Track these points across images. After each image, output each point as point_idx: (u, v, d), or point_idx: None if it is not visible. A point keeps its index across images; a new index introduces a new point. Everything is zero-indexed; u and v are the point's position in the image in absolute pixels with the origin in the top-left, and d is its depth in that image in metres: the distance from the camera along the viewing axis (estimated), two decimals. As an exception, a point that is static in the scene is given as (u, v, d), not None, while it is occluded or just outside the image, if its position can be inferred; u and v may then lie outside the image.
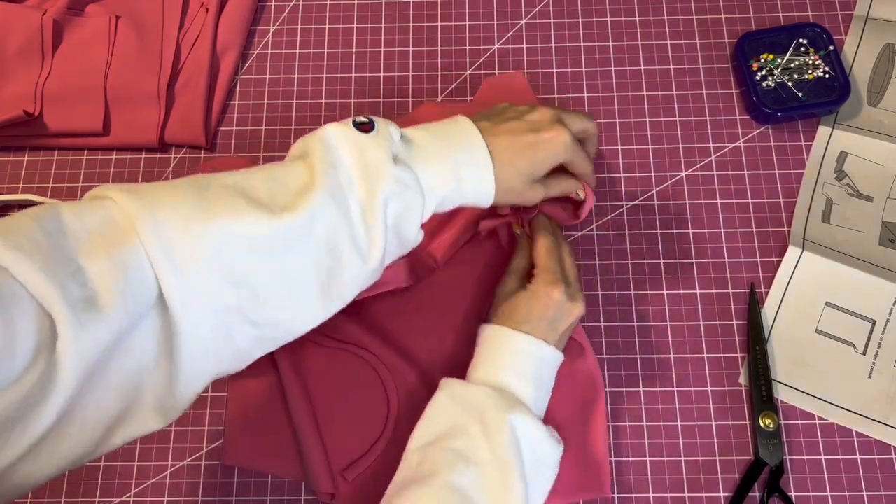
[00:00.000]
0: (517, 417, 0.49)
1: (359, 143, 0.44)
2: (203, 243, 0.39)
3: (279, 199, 0.42)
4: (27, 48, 0.70)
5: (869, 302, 0.62)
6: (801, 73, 0.68)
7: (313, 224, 0.42)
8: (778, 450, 0.58)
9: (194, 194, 0.40)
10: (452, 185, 0.48)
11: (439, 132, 0.49)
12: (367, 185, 0.43)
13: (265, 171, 0.44)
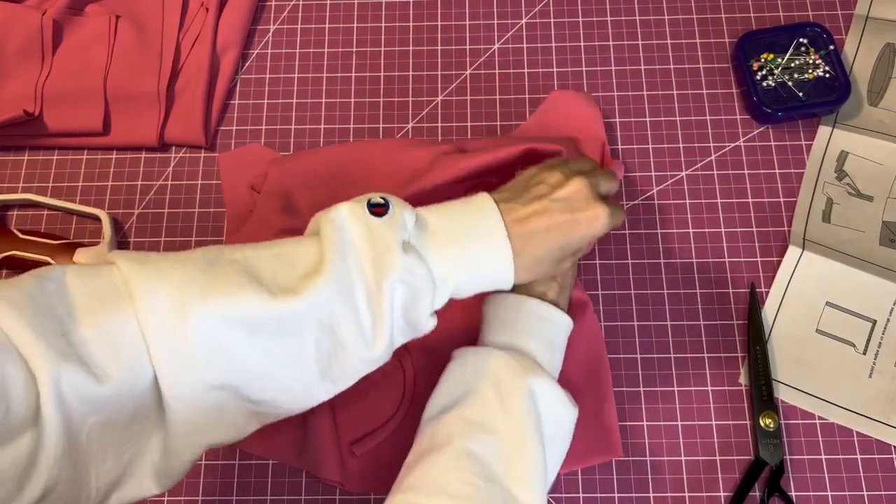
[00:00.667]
0: (534, 380, 0.47)
1: (370, 228, 0.42)
2: (199, 321, 0.39)
3: (283, 280, 0.41)
4: (27, 48, 0.70)
5: (869, 302, 0.62)
6: (801, 72, 0.68)
7: (316, 309, 0.41)
8: (778, 449, 0.58)
9: (199, 270, 0.40)
10: (467, 275, 0.45)
11: (457, 216, 0.46)
12: (375, 273, 0.42)
13: (276, 248, 0.43)
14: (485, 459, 0.44)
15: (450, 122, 0.70)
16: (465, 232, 0.45)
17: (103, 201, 0.69)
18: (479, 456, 0.44)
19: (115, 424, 0.38)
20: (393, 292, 0.42)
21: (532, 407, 0.47)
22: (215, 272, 0.40)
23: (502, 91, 0.71)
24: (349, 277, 0.42)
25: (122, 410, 0.38)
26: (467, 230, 0.45)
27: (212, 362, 0.39)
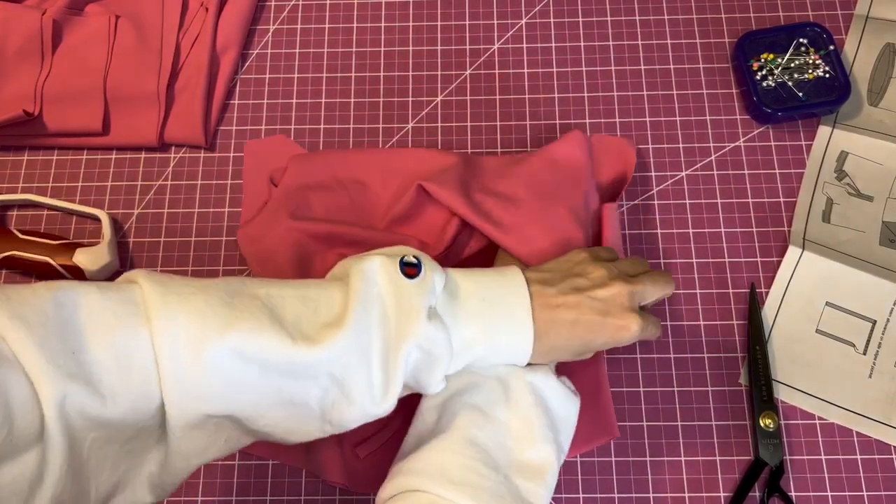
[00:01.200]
0: (535, 374, 0.48)
1: (399, 289, 0.43)
2: (214, 353, 0.39)
3: (304, 326, 0.41)
4: (27, 48, 0.70)
5: (869, 302, 0.62)
6: (801, 72, 0.68)
7: (332, 362, 0.41)
8: (778, 450, 0.58)
9: (221, 300, 0.40)
10: (485, 350, 0.46)
11: (487, 290, 0.46)
12: (397, 335, 0.42)
13: (301, 289, 0.43)
14: (489, 447, 0.45)
15: (450, 122, 0.70)
16: (493, 309, 0.45)
17: (103, 201, 0.69)
18: (483, 444, 0.45)
19: (116, 440, 0.38)
20: (409, 357, 0.43)
21: (536, 400, 0.47)
22: (237, 304, 0.40)
23: (502, 91, 0.71)
24: (369, 334, 0.42)
25: (124, 430, 0.38)
26: (495, 307, 0.45)
27: (221, 396, 0.40)
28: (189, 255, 0.67)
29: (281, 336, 0.40)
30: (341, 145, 0.70)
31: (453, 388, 0.48)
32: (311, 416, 0.43)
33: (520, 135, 0.69)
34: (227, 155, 0.70)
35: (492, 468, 0.44)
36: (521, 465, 0.45)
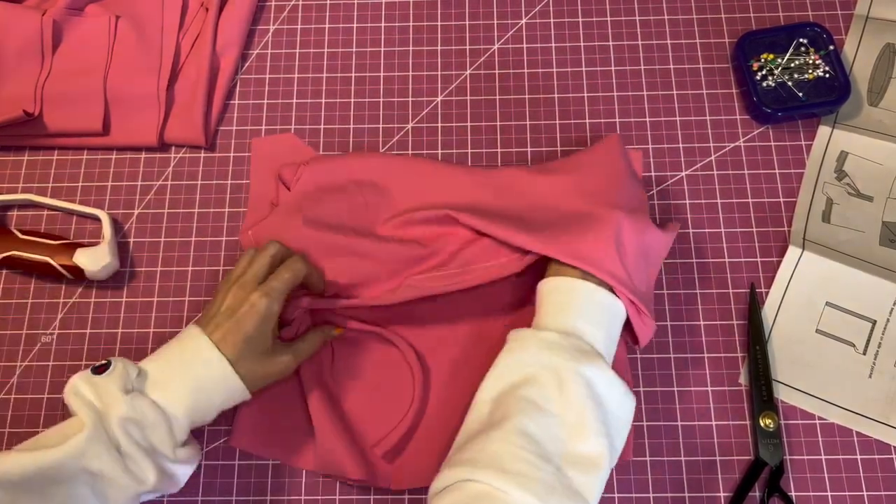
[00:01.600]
0: (591, 368, 0.48)
1: (95, 384, 0.49)
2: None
3: (46, 441, 0.47)
4: (27, 48, 0.70)
5: (869, 302, 0.62)
6: (801, 72, 0.68)
7: (80, 459, 0.46)
8: (778, 450, 0.58)
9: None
10: (195, 394, 0.50)
11: (171, 353, 0.52)
12: (112, 419, 0.48)
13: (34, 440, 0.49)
14: (542, 439, 0.45)
15: (450, 122, 0.70)
16: (181, 361, 0.51)
17: (103, 201, 0.69)
18: (535, 435, 0.45)
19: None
20: (128, 430, 0.48)
21: (589, 394, 0.47)
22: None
23: (502, 91, 0.71)
24: (97, 427, 0.47)
25: None
26: (181, 358, 0.52)
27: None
28: (189, 255, 0.67)
29: (20, 453, 0.46)
30: (341, 146, 0.70)
31: (508, 380, 0.49)
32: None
33: (520, 135, 0.70)
34: (227, 155, 0.70)
35: (544, 459, 0.45)
36: (574, 456, 0.46)
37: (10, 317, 0.65)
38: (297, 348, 0.56)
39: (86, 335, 0.64)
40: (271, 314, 0.53)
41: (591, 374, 0.48)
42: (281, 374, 0.55)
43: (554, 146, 0.69)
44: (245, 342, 0.52)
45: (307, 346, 0.57)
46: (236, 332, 0.52)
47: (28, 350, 0.64)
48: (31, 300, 0.66)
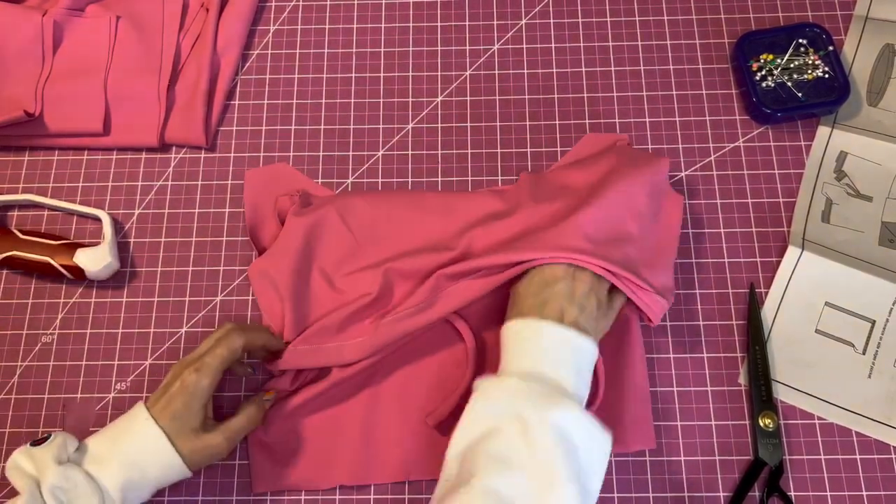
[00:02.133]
0: (560, 412, 0.46)
1: (31, 456, 0.50)
2: None
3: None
4: (27, 49, 0.70)
5: (868, 302, 0.62)
6: (800, 73, 0.69)
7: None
8: (777, 449, 0.58)
9: None
10: (128, 468, 0.51)
11: (114, 427, 0.53)
12: (45, 486, 0.48)
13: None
14: (510, 498, 0.44)
15: (450, 122, 0.70)
16: (119, 437, 0.52)
17: (104, 202, 0.69)
18: (504, 494, 0.44)
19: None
20: (59, 498, 0.48)
21: (559, 440, 0.46)
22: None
23: (502, 91, 0.71)
24: (33, 495, 0.48)
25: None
26: (120, 434, 0.52)
27: None
28: (189, 255, 0.67)
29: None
30: (341, 146, 0.70)
31: (473, 434, 0.47)
32: None
33: (519, 135, 0.70)
34: (227, 155, 0.70)
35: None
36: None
37: (11, 317, 0.65)
38: (229, 426, 0.55)
39: (86, 335, 0.65)
40: (199, 390, 0.52)
41: (559, 419, 0.46)
42: (213, 455, 0.54)
43: (554, 146, 0.69)
44: (174, 419, 0.52)
45: (242, 422, 0.56)
46: (167, 408, 0.52)
47: (28, 350, 0.64)
48: (31, 300, 0.66)
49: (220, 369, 0.54)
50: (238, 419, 0.56)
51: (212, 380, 0.53)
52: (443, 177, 0.69)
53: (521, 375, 0.49)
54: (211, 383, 0.53)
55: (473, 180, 0.68)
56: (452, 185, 0.68)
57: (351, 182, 0.69)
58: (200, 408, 0.53)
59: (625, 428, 0.59)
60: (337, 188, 0.68)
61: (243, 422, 0.56)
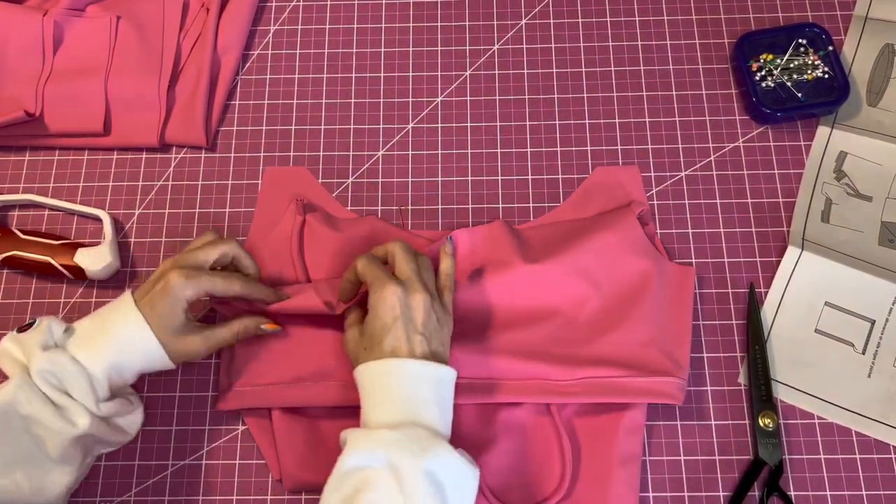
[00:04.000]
0: (432, 458, 0.46)
1: (18, 341, 0.53)
2: None
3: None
4: (28, 49, 0.70)
5: (868, 301, 0.62)
6: (800, 73, 0.69)
7: (14, 404, 0.50)
8: (777, 449, 0.58)
9: None
10: (114, 351, 0.52)
11: (101, 313, 0.54)
12: (32, 371, 0.51)
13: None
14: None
15: (450, 122, 0.70)
16: (105, 321, 0.53)
17: (104, 202, 0.69)
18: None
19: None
20: (49, 381, 0.51)
21: (433, 488, 0.46)
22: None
23: (502, 91, 0.71)
24: (23, 376, 0.51)
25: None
26: (106, 319, 0.54)
27: None
28: (190, 256, 0.67)
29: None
30: (341, 146, 0.70)
31: (348, 488, 0.46)
32: (41, 463, 0.50)
33: (520, 135, 0.70)
34: (227, 155, 0.70)
35: None
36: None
37: (11, 317, 0.65)
38: (212, 335, 0.56)
39: (87, 335, 0.65)
40: (181, 296, 0.53)
41: (432, 465, 0.46)
42: (190, 355, 0.55)
43: (554, 146, 0.69)
44: (157, 316, 0.53)
45: (225, 334, 0.56)
46: (150, 304, 0.53)
47: (29, 350, 0.64)
48: (31, 300, 0.66)
49: (206, 280, 0.54)
50: (222, 331, 0.56)
51: (195, 291, 0.54)
52: (443, 177, 0.69)
53: (391, 425, 0.48)
54: (195, 293, 0.54)
55: (473, 180, 0.68)
56: (453, 185, 0.68)
57: (351, 182, 0.69)
58: (181, 311, 0.54)
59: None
60: (337, 188, 0.69)
61: (226, 335, 0.57)
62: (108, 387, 0.53)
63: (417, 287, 0.52)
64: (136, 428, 0.58)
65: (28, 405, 0.50)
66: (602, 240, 0.61)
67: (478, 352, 0.58)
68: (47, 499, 0.51)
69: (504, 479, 0.58)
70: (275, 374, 0.59)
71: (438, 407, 0.50)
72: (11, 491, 0.49)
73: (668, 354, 0.59)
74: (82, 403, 0.51)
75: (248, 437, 0.61)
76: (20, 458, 0.50)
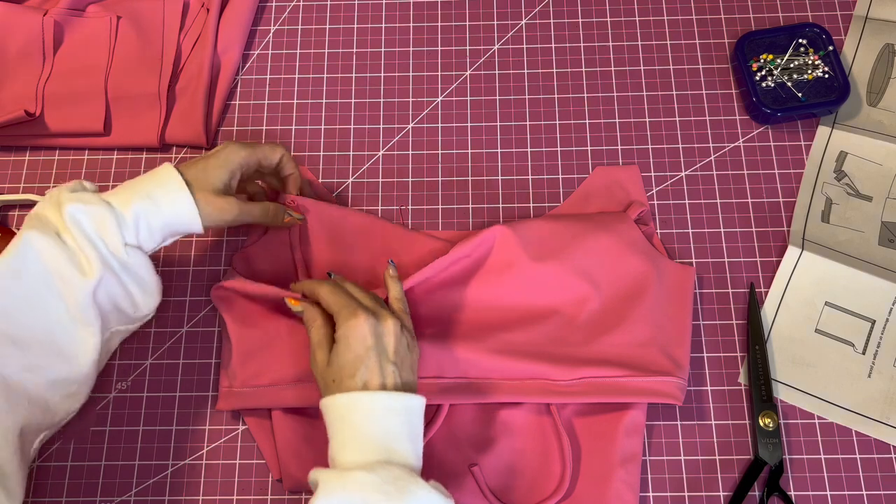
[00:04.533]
0: (413, 501, 0.44)
1: (51, 194, 0.52)
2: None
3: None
4: (28, 49, 0.70)
5: (868, 301, 0.62)
6: (800, 73, 0.69)
7: (28, 249, 0.49)
8: (777, 449, 0.58)
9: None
10: (141, 197, 0.52)
11: (138, 178, 0.55)
12: (58, 212, 0.50)
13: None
14: None
15: (450, 122, 0.70)
16: (138, 178, 0.55)
17: (104, 201, 0.69)
18: None
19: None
20: (77, 220, 0.50)
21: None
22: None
23: (502, 91, 0.71)
24: (45, 223, 0.50)
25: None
26: (143, 178, 0.54)
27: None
28: (190, 256, 0.67)
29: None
30: (341, 146, 0.70)
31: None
32: (59, 316, 0.50)
33: (520, 135, 0.70)
34: (227, 155, 0.70)
35: None
36: None
37: (12, 316, 0.65)
38: (245, 204, 0.57)
39: (87, 335, 0.65)
40: (232, 158, 0.56)
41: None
42: (221, 214, 0.55)
43: (554, 146, 0.69)
44: (198, 172, 0.55)
45: (256, 209, 0.58)
46: (195, 163, 0.55)
47: (29, 350, 0.64)
48: (32, 300, 0.66)
49: (256, 155, 0.57)
50: (256, 206, 0.58)
51: (247, 154, 0.57)
52: (443, 177, 0.69)
53: (364, 466, 0.46)
54: (246, 157, 0.57)
55: (473, 180, 0.68)
56: (453, 185, 0.68)
57: (351, 182, 0.69)
58: (226, 174, 0.56)
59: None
60: (337, 188, 0.69)
61: (257, 210, 0.58)
62: (136, 233, 0.52)
63: (386, 313, 0.51)
64: (151, 305, 0.55)
65: (43, 251, 0.49)
66: (601, 241, 0.61)
67: (477, 351, 0.58)
68: (79, 364, 0.51)
69: (504, 479, 0.58)
70: (274, 374, 0.59)
71: (410, 440, 0.48)
72: (44, 354, 0.49)
73: (667, 354, 0.59)
74: (108, 245, 0.50)
75: (248, 437, 0.61)
76: (45, 317, 0.49)
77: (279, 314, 0.61)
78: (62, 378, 0.51)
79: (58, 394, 0.51)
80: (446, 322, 0.61)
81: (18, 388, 0.48)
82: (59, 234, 0.50)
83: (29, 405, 0.49)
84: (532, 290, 0.61)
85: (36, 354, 0.49)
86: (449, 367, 0.58)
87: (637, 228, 0.63)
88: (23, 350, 0.49)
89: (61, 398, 0.51)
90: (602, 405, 0.59)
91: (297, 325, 0.60)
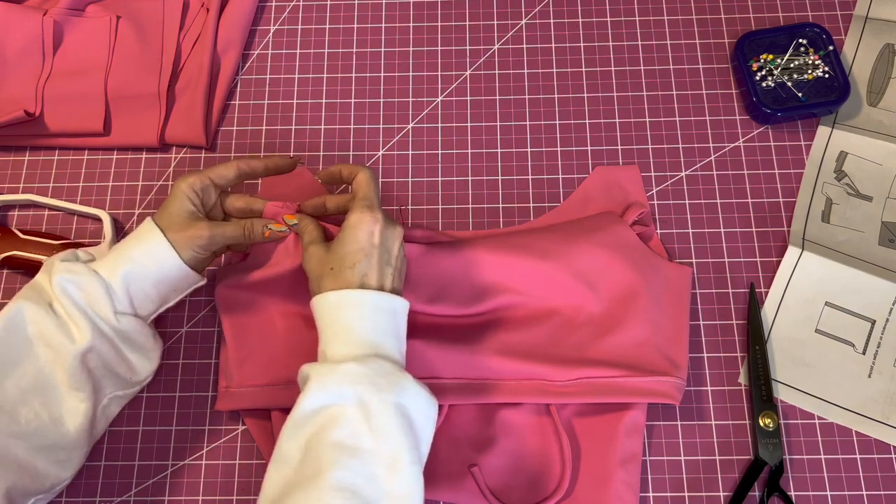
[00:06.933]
0: (395, 391, 0.46)
1: (49, 262, 0.53)
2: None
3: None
4: (28, 48, 0.70)
5: (868, 302, 0.62)
6: (800, 73, 0.69)
7: (17, 320, 0.50)
8: (778, 449, 0.58)
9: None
10: (124, 261, 0.53)
11: (124, 241, 0.55)
12: (49, 279, 0.51)
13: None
14: (357, 487, 0.43)
15: (450, 122, 0.70)
16: (123, 242, 0.55)
17: (104, 201, 0.69)
18: (351, 485, 0.43)
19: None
20: (66, 290, 0.51)
21: (400, 420, 0.46)
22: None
23: (502, 91, 0.71)
24: (40, 293, 0.52)
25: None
26: (126, 240, 0.54)
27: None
28: (190, 255, 0.67)
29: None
30: (341, 146, 0.70)
31: (314, 424, 0.45)
32: (54, 388, 0.51)
33: (520, 135, 0.70)
34: (227, 155, 0.70)
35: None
36: (392, 495, 0.44)
37: (11, 317, 0.65)
38: (217, 224, 0.56)
39: (86, 335, 0.64)
40: (181, 190, 0.55)
41: (399, 399, 0.46)
42: (195, 240, 0.54)
43: (554, 146, 0.69)
44: (167, 216, 0.54)
45: (230, 227, 0.56)
46: (160, 210, 0.55)
47: (29, 350, 0.64)
48: (31, 300, 0.66)
49: (207, 174, 0.56)
50: (230, 225, 0.56)
51: (196, 178, 0.55)
52: (443, 177, 0.69)
53: (356, 358, 0.47)
54: (197, 180, 0.55)
55: (473, 180, 0.68)
56: (453, 185, 0.68)
57: (351, 182, 0.69)
58: (183, 203, 0.55)
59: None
60: (337, 188, 0.69)
61: (234, 230, 0.56)
62: (129, 300, 0.53)
63: (395, 222, 0.53)
64: (148, 370, 0.56)
65: (33, 319, 0.50)
66: (598, 243, 0.61)
67: (476, 352, 0.58)
68: (67, 430, 0.51)
69: (504, 479, 0.58)
70: (273, 374, 0.59)
71: (396, 338, 0.50)
72: (32, 420, 0.49)
73: (664, 354, 0.59)
74: (98, 313, 0.51)
75: (248, 437, 0.61)
76: (33, 382, 0.50)
77: (276, 315, 0.61)
78: (49, 444, 0.51)
79: (46, 460, 0.51)
80: (445, 323, 0.61)
81: (5, 452, 0.48)
82: (50, 305, 0.51)
83: (18, 469, 0.49)
84: (531, 292, 0.61)
85: (23, 420, 0.49)
86: (448, 367, 0.58)
87: (631, 230, 0.63)
88: (10, 415, 0.49)
89: (49, 464, 0.51)
90: (602, 405, 0.59)
91: (294, 326, 0.60)
